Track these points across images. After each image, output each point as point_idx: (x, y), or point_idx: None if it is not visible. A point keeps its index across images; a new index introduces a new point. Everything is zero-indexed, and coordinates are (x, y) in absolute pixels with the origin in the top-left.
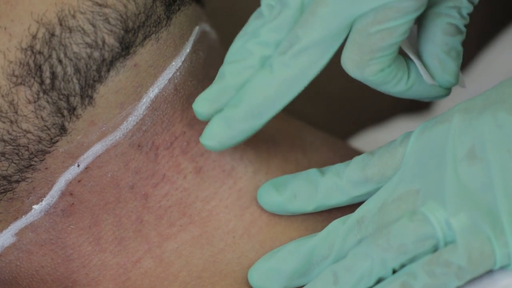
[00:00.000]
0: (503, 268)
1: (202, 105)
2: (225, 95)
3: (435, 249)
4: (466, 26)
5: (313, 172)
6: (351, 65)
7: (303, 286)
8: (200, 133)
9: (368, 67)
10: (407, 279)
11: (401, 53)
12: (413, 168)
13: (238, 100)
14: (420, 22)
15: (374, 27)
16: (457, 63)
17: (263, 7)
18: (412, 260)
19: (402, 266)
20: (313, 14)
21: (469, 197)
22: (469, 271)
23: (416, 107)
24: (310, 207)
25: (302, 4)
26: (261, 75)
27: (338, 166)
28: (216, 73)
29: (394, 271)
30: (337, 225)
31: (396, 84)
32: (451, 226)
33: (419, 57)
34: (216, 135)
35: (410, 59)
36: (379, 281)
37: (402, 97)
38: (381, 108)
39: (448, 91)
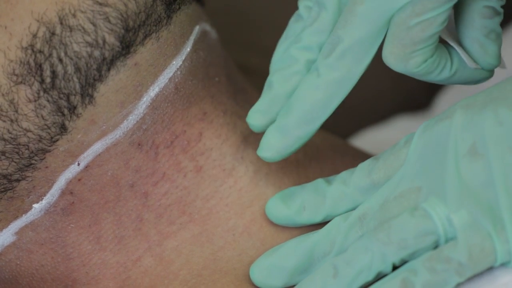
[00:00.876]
0: (503, 265)
1: (255, 117)
2: (276, 105)
3: (435, 245)
4: (502, 6)
5: (319, 182)
6: (393, 59)
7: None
8: (200, 132)
9: (411, 59)
10: (407, 276)
11: (441, 40)
12: (415, 165)
13: (289, 108)
14: (456, 7)
15: (413, 19)
16: (498, 45)
17: (301, 9)
18: (412, 255)
19: (402, 261)
20: (351, 13)
21: (470, 193)
22: (469, 268)
23: (416, 106)
24: (318, 218)
25: (339, 4)
26: (309, 80)
27: (344, 174)
28: (216, 72)
29: (394, 266)
30: (339, 221)
31: (440, 73)
32: (452, 222)
33: (459, 42)
34: (272, 146)
35: (451, 45)
36: (378, 275)
37: (447, 83)
38: (381, 107)
39: (491, 73)
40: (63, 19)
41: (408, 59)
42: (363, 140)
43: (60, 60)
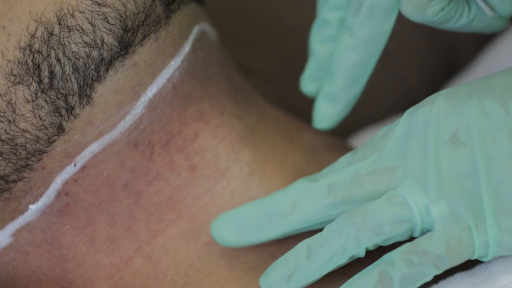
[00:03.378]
0: (480, 258)
1: (307, 85)
2: (323, 69)
3: (410, 232)
4: None
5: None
6: (411, 9)
7: (261, 242)
8: (196, 132)
9: (428, 8)
10: (385, 268)
11: None
12: (394, 147)
13: (332, 74)
14: None
15: None
16: None
17: None
18: (386, 241)
19: (376, 246)
20: None
21: (450, 182)
22: (447, 260)
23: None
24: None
25: None
26: (343, 41)
27: (327, 170)
28: (215, 72)
29: (368, 251)
30: (305, 185)
31: (458, 20)
32: (430, 212)
33: None
34: (326, 116)
35: None
36: (351, 258)
37: (466, 31)
38: (381, 107)
39: (508, 21)
40: (62, 19)
41: (425, 9)
42: (362, 140)
43: (58, 61)
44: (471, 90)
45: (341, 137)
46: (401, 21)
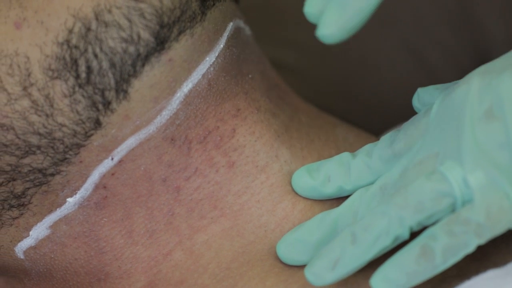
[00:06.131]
0: None
1: (312, 4)
2: None
3: (452, 208)
4: None
5: (345, 155)
6: None
7: None
8: (233, 128)
9: None
10: (427, 242)
11: None
12: (434, 133)
13: None
14: None
15: None
16: None
17: None
18: (429, 218)
19: (420, 224)
20: None
21: (486, 155)
22: (488, 228)
23: None
24: (344, 189)
25: None
26: None
27: (368, 146)
28: (249, 68)
29: (412, 232)
30: (361, 193)
31: None
32: (468, 183)
33: None
34: (333, 22)
35: None
36: (396, 240)
37: None
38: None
39: None
40: (99, 15)
41: None
42: None
43: (95, 56)
44: (505, 64)
45: (375, 134)
46: (436, 19)
